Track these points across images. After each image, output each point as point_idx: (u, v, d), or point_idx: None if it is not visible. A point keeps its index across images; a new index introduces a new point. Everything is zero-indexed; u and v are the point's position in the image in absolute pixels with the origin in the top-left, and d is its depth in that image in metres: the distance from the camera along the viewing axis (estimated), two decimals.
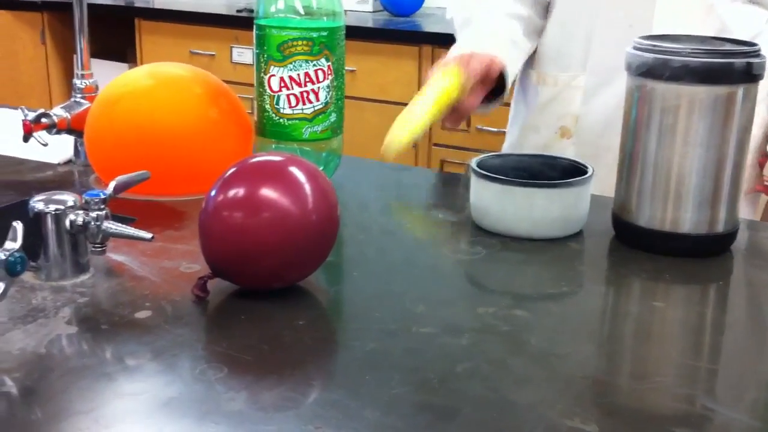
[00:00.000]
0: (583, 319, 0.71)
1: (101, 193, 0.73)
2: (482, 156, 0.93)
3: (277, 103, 0.96)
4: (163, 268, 0.77)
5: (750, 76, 0.79)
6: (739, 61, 0.78)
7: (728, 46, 0.81)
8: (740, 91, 0.79)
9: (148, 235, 0.73)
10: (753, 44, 0.82)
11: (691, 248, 0.82)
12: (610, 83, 1.17)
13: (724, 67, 0.78)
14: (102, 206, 0.73)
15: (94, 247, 0.74)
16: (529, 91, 1.30)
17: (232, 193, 0.69)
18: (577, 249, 0.85)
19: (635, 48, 0.82)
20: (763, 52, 0.80)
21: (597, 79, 1.20)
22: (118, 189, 0.76)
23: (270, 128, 0.97)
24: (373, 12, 2.89)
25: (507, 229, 0.86)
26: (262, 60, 0.96)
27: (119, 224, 0.73)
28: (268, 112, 0.97)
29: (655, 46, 0.80)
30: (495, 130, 2.41)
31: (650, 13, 1.14)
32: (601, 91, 1.20)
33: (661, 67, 0.79)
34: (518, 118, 1.34)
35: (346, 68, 1.01)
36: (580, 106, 1.22)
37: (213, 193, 0.70)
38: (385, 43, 2.61)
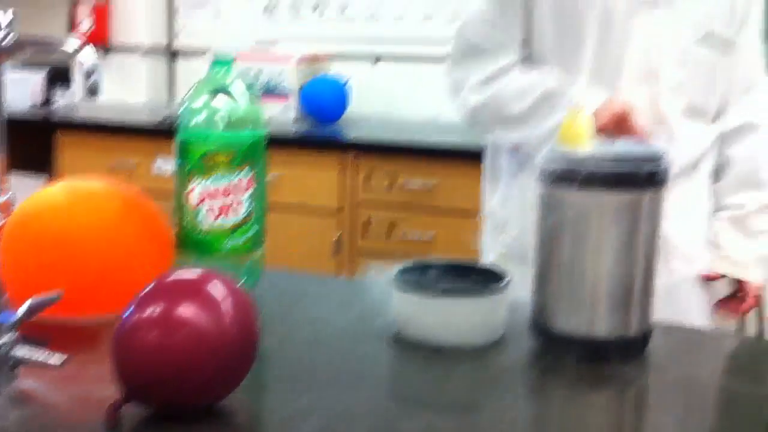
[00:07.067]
0: (505, 428, 0.71)
1: (12, 317, 0.71)
2: (404, 265, 0.93)
3: (197, 217, 0.96)
4: (75, 393, 0.74)
5: (655, 182, 0.82)
6: (644, 168, 0.82)
7: (634, 154, 0.84)
8: (647, 196, 0.82)
9: (58, 362, 0.71)
10: (658, 151, 0.85)
11: (606, 352, 0.83)
12: None
13: (630, 174, 0.81)
14: (13, 331, 0.71)
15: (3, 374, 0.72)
16: (504, 158, 1.37)
17: (147, 312, 0.68)
18: (497, 357, 0.85)
19: (545, 157, 0.85)
20: (666, 160, 0.84)
21: None
22: (31, 312, 0.74)
23: (190, 241, 0.97)
24: (296, 120, 2.92)
25: (428, 338, 0.86)
26: (183, 172, 0.96)
27: (29, 349, 0.71)
28: (188, 225, 0.96)
29: (563, 154, 0.83)
30: (417, 238, 2.44)
31: None
32: None
33: (571, 175, 0.82)
34: (498, 187, 1.40)
35: (269, 175, 1.01)
36: None
37: (127, 313, 0.68)
38: (308, 150, 2.65)
